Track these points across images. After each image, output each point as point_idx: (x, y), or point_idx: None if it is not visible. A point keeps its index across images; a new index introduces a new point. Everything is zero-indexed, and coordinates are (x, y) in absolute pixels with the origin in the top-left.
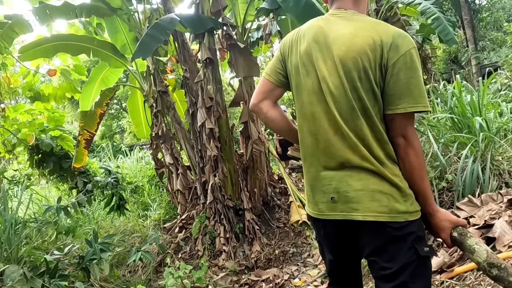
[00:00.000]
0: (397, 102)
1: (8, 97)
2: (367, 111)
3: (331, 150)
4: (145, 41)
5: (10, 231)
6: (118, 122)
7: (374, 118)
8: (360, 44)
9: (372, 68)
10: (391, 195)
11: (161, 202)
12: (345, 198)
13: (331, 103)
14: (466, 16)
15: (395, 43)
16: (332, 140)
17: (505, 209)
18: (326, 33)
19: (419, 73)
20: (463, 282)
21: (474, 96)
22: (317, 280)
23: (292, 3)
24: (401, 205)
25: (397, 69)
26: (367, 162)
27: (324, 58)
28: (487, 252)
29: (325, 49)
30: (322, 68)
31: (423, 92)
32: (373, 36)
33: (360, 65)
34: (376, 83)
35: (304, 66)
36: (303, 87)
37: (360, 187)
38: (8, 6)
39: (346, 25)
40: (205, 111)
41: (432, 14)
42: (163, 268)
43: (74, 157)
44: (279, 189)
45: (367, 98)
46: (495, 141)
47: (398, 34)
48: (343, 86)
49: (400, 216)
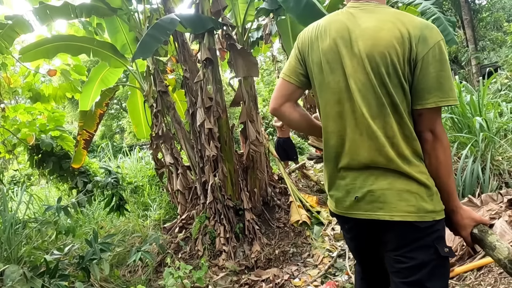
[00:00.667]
0: (427, 97)
1: (8, 97)
2: (397, 107)
3: (357, 151)
4: (145, 42)
5: (10, 231)
6: (118, 122)
7: (403, 114)
8: (387, 38)
9: (400, 63)
10: (418, 194)
11: (161, 202)
12: (371, 197)
13: (359, 100)
14: (466, 16)
15: (423, 35)
16: (358, 140)
17: (505, 209)
18: (350, 28)
19: (448, 66)
20: (463, 282)
21: (474, 96)
22: (317, 280)
23: (293, 3)
24: (428, 204)
25: (426, 63)
26: (394, 163)
27: (349, 54)
28: (508, 249)
29: (350, 45)
30: (348, 64)
31: (452, 85)
32: (400, 28)
33: (388, 60)
34: (404, 78)
35: (328, 63)
36: (327, 85)
37: (386, 186)
38: (8, 6)
39: (370, 18)
40: (204, 111)
41: (432, 14)
42: (163, 268)
43: (73, 157)
44: (279, 189)
45: (396, 93)
46: (495, 141)
47: (426, 26)
48: (371, 82)
49: (428, 216)
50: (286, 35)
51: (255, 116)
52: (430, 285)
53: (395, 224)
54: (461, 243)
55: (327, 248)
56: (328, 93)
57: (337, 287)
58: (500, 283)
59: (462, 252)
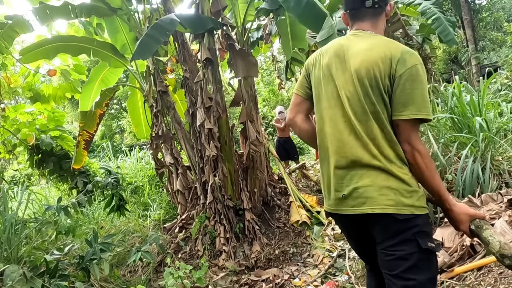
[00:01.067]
0: (402, 109)
1: (8, 97)
2: (378, 115)
3: (344, 149)
4: (145, 42)
5: (10, 231)
6: (118, 122)
7: (385, 121)
8: (373, 57)
9: (382, 78)
10: (398, 190)
11: (161, 202)
12: (356, 194)
13: (348, 107)
14: (466, 16)
15: (403, 57)
16: (346, 140)
17: (505, 209)
18: (346, 49)
19: (423, 86)
20: (463, 282)
21: (474, 96)
22: (317, 280)
23: (293, 3)
24: (407, 199)
25: (403, 80)
26: (377, 160)
27: (342, 69)
28: (499, 243)
29: (344, 61)
30: (340, 77)
31: (426, 102)
32: (385, 51)
33: (372, 74)
34: (385, 91)
35: (325, 76)
36: (324, 94)
37: (369, 183)
38: (8, 6)
39: (363, 42)
40: (204, 111)
41: (432, 15)
42: (163, 268)
43: (74, 158)
44: (279, 189)
45: (377, 103)
46: (495, 141)
47: (407, 51)
48: (357, 93)
49: (406, 209)
50: (285, 35)
51: (255, 116)
52: (415, 277)
53: (377, 217)
54: (461, 243)
55: (327, 248)
56: (324, 100)
57: (337, 287)
58: (500, 283)
59: (462, 252)
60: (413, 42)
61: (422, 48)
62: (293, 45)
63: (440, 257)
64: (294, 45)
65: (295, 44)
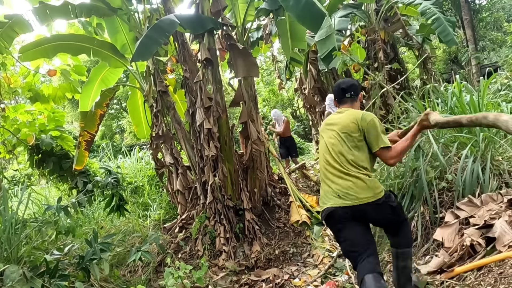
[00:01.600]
0: (374, 146)
1: (8, 97)
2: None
3: (335, 167)
4: (144, 43)
5: (10, 231)
6: (118, 122)
7: (355, 153)
8: (348, 121)
9: (354, 131)
10: (371, 188)
11: (161, 202)
12: (347, 194)
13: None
14: (466, 16)
15: (363, 118)
16: (335, 164)
17: (505, 209)
18: (334, 120)
19: (379, 130)
20: (463, 282)
21: (474, 96)
22: (317, 280)
23: (292, 2)
24: (376, 192)
25: (368, 130)
26: (353, 170)
27: (330, 131)
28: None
29: (332, 127)
30: (330, 135)
31: (383, 137)
32: (354, 116)
33: (347, 130)
34: (357, 138)
35: (323, 138)
36: (322, 145)
37: (354, 187)
38: (8, 6)
39: (344, 115)
40: (203, 111)
41: (432, 15)
42: (163, 268)
43: (75, 159)
44: (279, 189)
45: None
46: (495, 141)
47: (366, 113)
48: (339, 142)
49: (377, 196)
50: (285, 35)
51: (255, 116)
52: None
53: (368, 205)
54: (461, 243)
55: (327, 248)
56: (322, 148)
57: (337, 287)
58: (500, 283)
59: (462, 252)
60: (413, 42)
61: (422, 48)
62: (292, 45)
63: (440, 257)
64: (294, 45)
65: (295, 44)
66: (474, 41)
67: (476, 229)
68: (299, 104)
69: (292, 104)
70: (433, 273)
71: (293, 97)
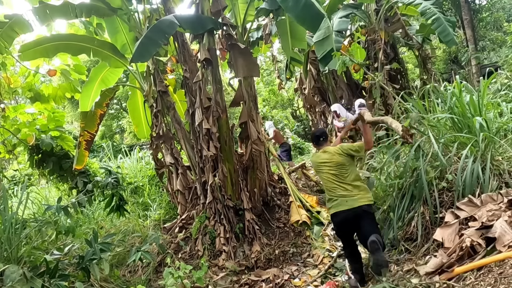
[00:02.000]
0: (359, 152)
1: (8, 97)
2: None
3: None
4: (144, 44)
5: (10, 231)
6: (118, 122)
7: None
8: (336, 155)
9: (339, 159)
10: (365, 196)
11: (161, 202)
12: (353, 200)
13: (329, 175)
14: (466, 16)
15: (340, 147)
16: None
17: (505, 209)
18: (325, 158)
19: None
20: (463, 282)
21: (474, 96)
22: (317, 280)
23: (292, 3)
24: (370, 198)
25: (347, 150)
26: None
27: (328, 166)
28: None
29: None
30: (324, 168)
31: (357, 144)
32: (335, 150)
33: (334, 161)
34: (347, 161)
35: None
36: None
37: (357, 195)
38: (8, 6)
39: (329, 154)
40: (202, 111)
41: (432, 15)
42: (163, 268)
43: (76, 158)
44: (279, 189)
45: (341, 171)
46: (495, 141)
47: (339, 145)
48: (331, 169)
49: (371, 201)
50: (285, 35)
51: (255, 116)
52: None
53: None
54: (461, 244)
55: (327, 248)
56: (324, 175)
57: (337, 287)
58: (500, 283)
59: (462, 253)
60: (413, 42)
61: (422, 48)
62: (292, 45)
63: (438, 258)
64: (294, 45)
65: (295, 44)
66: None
67: (476, 229)
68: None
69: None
70: (433, 274)
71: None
